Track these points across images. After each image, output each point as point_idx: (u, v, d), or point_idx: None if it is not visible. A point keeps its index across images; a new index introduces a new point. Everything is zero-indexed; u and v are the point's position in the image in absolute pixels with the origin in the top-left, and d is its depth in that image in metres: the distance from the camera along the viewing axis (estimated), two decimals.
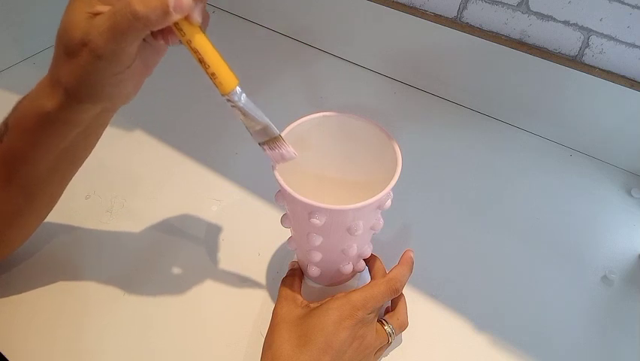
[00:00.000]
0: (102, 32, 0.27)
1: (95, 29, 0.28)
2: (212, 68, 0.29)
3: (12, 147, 0.34)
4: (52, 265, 0.46)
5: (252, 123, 0.31)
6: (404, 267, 0.40)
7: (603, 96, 0.56)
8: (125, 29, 0.27)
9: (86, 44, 0.28)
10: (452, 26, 0.61)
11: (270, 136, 0.32)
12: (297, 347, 0.35)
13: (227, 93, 0.30)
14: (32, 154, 0.34)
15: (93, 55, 0.28)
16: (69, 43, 0.29)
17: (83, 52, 0.28)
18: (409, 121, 0.64)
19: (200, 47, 0.28)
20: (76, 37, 0.28)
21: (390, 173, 0.36)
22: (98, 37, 0.28)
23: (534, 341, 0.43)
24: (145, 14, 0.26)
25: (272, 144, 0.32)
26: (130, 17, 0.27)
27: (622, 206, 0.55)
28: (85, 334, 0.42)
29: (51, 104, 0.31)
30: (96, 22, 0.28)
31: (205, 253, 0.48)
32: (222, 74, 0.29)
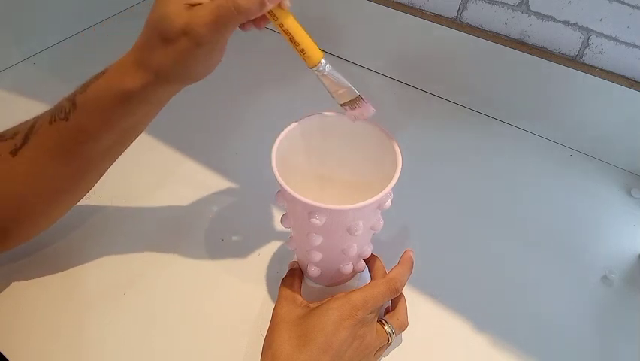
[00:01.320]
0: (206, 23, 0.30)
1: (198, 19, 0.30)
2: (301, 45, 0.33)
3: (80, 125, 0.35)
4: (52, 265, 0.46)
5: (336, 88, 0.36)
6: (404, 267, 0.40)
7: (603, 96, 0.56)
8: (228, 21, 0.30)
9: (187, 33, 0.30)
10: (452, 26, 0.61)
11: (352, 97, 0.36)
12: (296, 347, 0.35)
13: (315, 65, 0.34)
14: (100, 132, 0.36)
15: (194, 43, 0.30)
16: (168, 30, 0.31)
17: (183, 39, 0.30)
18: (409, 121, 0.64)
19: (291, 28, 0.32)
20: (176, 26, 0.30)
21: (391, 173, 0.36)
22: (202, 27, 0.30)
23: (534, 341, 0.43)
24: (247, 7, 0.29)
25: (352, 104, 0.36)
26: (233, 10, 0.29)
27: (622, 206, 0.55)
28: (85, 334, 0.42)
29: (135, 83, 0.33)
30: (198, 13, 0.30)
31: (205, 253, 0.48)
32: (311, 49, 0.33)
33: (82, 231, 0.49)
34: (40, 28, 0.71)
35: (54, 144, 0.36)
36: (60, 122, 0.36)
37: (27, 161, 0.37)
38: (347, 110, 0.37)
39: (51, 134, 0.36)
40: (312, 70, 0.34)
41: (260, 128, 0.61)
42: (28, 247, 0.45)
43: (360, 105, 0.36)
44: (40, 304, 0.43)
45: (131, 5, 0.82)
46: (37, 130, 0.37)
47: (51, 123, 0.36)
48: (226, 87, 0.68)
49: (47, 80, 0.67)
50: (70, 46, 0.73)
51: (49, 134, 0.36)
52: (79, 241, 0.48)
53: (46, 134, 0.36)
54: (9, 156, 0.37)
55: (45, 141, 0.37)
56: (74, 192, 0.41)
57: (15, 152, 0.37)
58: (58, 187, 0.39)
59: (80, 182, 0.40)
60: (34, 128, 0.37)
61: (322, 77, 0.35)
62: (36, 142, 0.37)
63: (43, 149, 0.37)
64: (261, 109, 0.65)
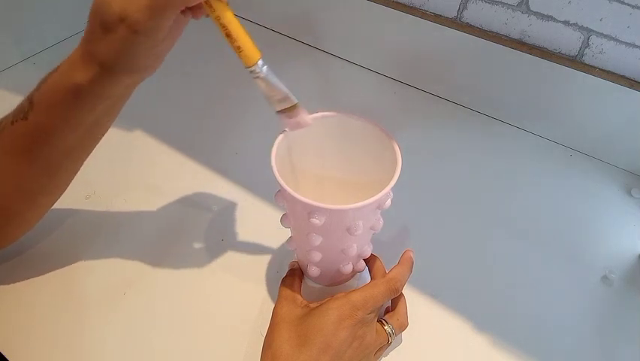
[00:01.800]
0: (141, 8, 0.29)
1: (134, 5, 0.29)
2: (238, 42, 0.31)
3: (38, 124, 0.35)
4: (52, 264, 0.46)
5: (273, 93, 0.34)
6: (404, 267, 0.40)
7: (603, 96, 0.56)
8: (164, 6, 0.29)
9: (123, 20, 0.29)
10: (452, 26, 0.61)
11: (289, 104, 0.35)
12: (296, 347, 0.35)
13: (251, 65, 0.32)
14: (59, 130, 0.35)
15: (131, 30, 0.29)
16: (106, 18, 0.30)
17: (121, 27, 0.29)
18: (409, 121, 0.64)
19: (228, 22, 0.31)
20: (113, 13, 0.29)
21: (390, 173, 0.36)
22: (137, 13, 0.29)
23: (534, 341, 0.43)
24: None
25: (290, 112, 0.35)
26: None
27: (622, 206, 0.55)
28: (85, 334, 0.42)
29: (83, 77, 0.32)
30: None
31: (205, 253, 0.48)
32: (247, 47, 0.32)
33: (82, 231, 0.49)
34: (40, 28, 0.71)
35: (17, 144, 0.36)
36: (20, 122, 0.35)
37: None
38: (283, 118, 0.36)
39: (12, 134, 0.36)
40: (248, 70, 0.33)
41: (260, 129, 0.61)
42: (27, 246, 0.45)
43: (297, 114, 0.35)
44: (40, 304, 0.43)
45: None
46: (1, 132, 0.37)
47: (12, 124, 0.36)
48: (226, 87, 0.68)
49: None
50: (70, 46, 0.72)
51: (10, 135, 0.36)
52: (79, 240, 0.48)
53: (8, 135, 0.36)
54: None
55: (7, 142, 0.36)
56: (46, 193, 0.41)
57: None
58: (26, 188, 0.39)
59: (49, 181, 0.39)
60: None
61: (258, 80, 0.33)
62: (1, 144, 0.36)
63: (6, 150, 0.36)
64: (261, 109, 0.65)
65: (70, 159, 0.39)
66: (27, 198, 0.40)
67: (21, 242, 0.44)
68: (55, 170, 0.39)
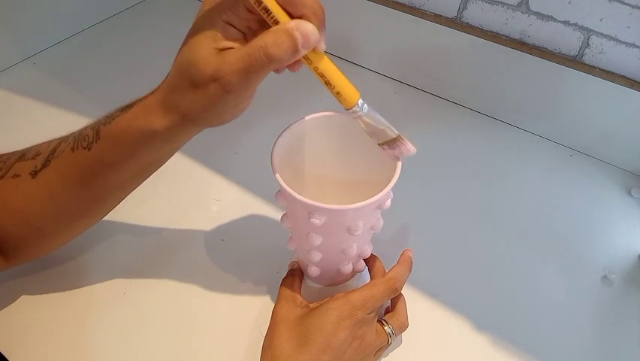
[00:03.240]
0: (236, 71, 0.29)
1: (228, 67, 0.29)
2: (337, 88, 0.32)
3: (101, 157, 0.35)
4: (52, 264, 0.46)
5: (373, 128, 0.34)
6: (403, 266, 0.40)
7: (603, 96, 0.56)
8: (259, 70, 0.29)
9: (216, 80, 0.29)
10: (452, 26, 0.61)
11: (390, 137, 0.35)
12: (296, 347, 0.35)
13: (351, 107, 0.32)
14: (121, 166, 0.35)
15: (224, 90, 0.29)
16: (198, 76, 0.29)
17: (212, 86, 0.29)
18: (409, 121, 0.64)
19: (325, 71, 0.31)
20: (206, 73, 0.29)
21: (390, 173, 0.36)
22: (232, 75, 0.29)
23: (534, 341, 0.43)
24: (279, 56, 0.28)
25: (391, 143, 0.35)
26: (264, 59, 0.28)
27: (622, 206, 0.55)
28: (85, 333, 0.42)
29: (161, 124, 0.32)
30: (228, 60, 0.29)
31: (205, 253, 0.48)
32: (346, 91, 0.32)
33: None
34: (40, 28, 0.71)
35: (74, 172, 0.36)
36: (82, 150, 0.35)
37: (45, 184, 0.37)
38: (386, 149, 0.36)
39: (72, 161, 0.36)
40: (349, 111, 0.33)
41: (260, 129, 0.61)
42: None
43: (399, 145, 0.35)
44: (40, 304, 0.43)
45: (132, 5, 0.82)
46: (59, 155, 0.36)
47: (73, 150, 0.36)
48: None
49: (47, 80, 0.67)
50: (70, 46, 0.73)
51: (69, 161, 0.36)
52: (78, 240, 0.48)
53: (67, 160, 0.36)
54: (28, 177, 0.37)
55: (65, 167, 0.36)
56: (88, 218, 0.41)
57: (35, 173, 0.37)
58: (73, 213, 0.39)
59: (95, 209, 0.40)
60: (56, 153, 0.37)
61: (359, 119, 0.34)
62: (56, 167, 0.36)
63: (62, 174, 0.36)
64: (261, 109, 0.65)
65: (121, 190, 0.39)
66: (69, 221, 0.40)
67: None
68: (105, 199, 0.39)
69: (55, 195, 0.37)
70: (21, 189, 0.37)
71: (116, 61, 0.71)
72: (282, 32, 0.28)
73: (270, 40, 0.28)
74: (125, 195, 0.40)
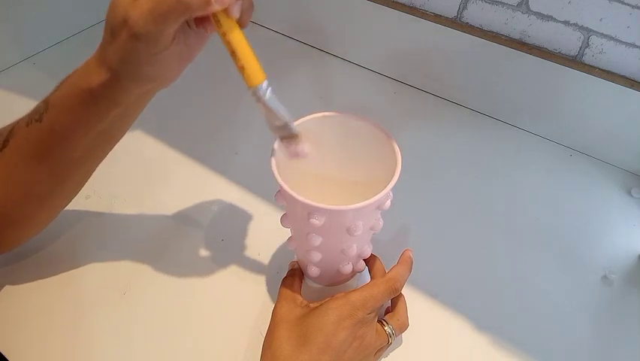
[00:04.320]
0: (142, 13, 0.28)
1: (137, 10, 0.28)
2: (242, 62, 0.30)
3: (51, 126, 0.35)
4: (52, 264, 0.46)
5: (273, 118, 0.33)
6: (403, 266, 0.40)
7: (603, 96, 0.56)
8: (166, 12, 0.28)
9: (126, 23, 0.29)
10: (452, 26, 0.61)
11: (288, 133, 0.34)
12: (296, 347, 0.35)
13: (253, 87, 0.31)
14: (71, 133, 0.35)
15: (130, 34, 0.29)
16: (113, 22, 0.30)
17: (123, 32, 0.29)
18: (409, 121, 0.64)
19: (233, 40, 0.30)
20: (118, 17, 0.29)
21: (390, 173, 0.36)
22: (138, 17, 0.28)
23: (534, 341, 0.43)
24: (189, 2, 0.27)
25: (289, 140, 0.34)
26: (173, 2, 0.27)
27: (622, 206, 0.55)
28: (85, 333, 0.42)
29: (96, 80, 0.32)
30: (138, 3, 0.28)
31: (205, 253, 0.48)
32: (251, 68, 0.31)
33: (82, 231, 0.49)
34: (40, 28, 0.71)
35: (30, 147, 0.36)
36: (35, 123, 0.35)
37: (5, 165, 0.37)
38: (282, 144, 0.35)
39: (27, 136, 0.36)
40: (250, 91, 0.31)
41: (260, 128, 0.61)
42: (27, 246, 0.45)
43: (296, 144, 0.34)
44: (39, 304, 0.43)
45: None
46: (16, 133, 0.36)
47: (27, 125, 0.36)
48: (226, 87, 0.68)
49: (47, 80, 0.66)
50: (70, 46, 0.73)
51: (25, 137, 0.36)
52: (79, 240, 0.48)
53: (22, 136, 0.36)
54: None
55: (22, 144, 0.36)
56: (57, 197, 0.41)
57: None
58: (38, 192, 0.39)
59: (60, 186, 0.39)
60: (14, 131, 0.37)
61: (258, 103, 0.32)
62: (14, 145, 0.36)
63: (20, 152, 0.36)
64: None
65: (81, 165, 0.39)
66: (37, 202, 0.40)
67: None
68: (67, 176, 0.39)
69: (17, 177, 0.37)
70: None
71: None
72: None
73: None
74: (87, 171, 0.40)
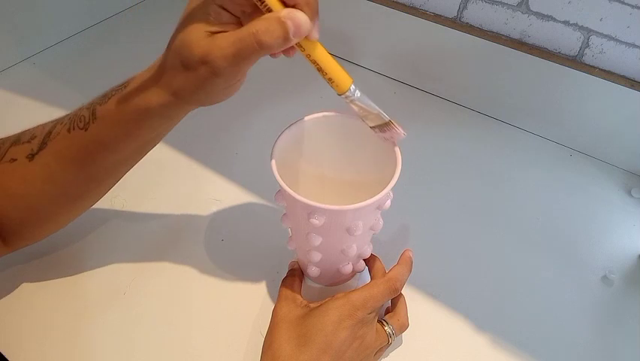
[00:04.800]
0: (226, 56, 0.29)
1: (218, 51, 0.29)
2: (329, 75, 0.32)
3: (98, 137, 0.35)
4: (52, 264, 0.46)
5: (366, 113, 0.35)
6: (403, 266, 0.40)
7: (603, 96, 0.56)
8: (249, 56, 0.29)
9: (206, 63, 0.29)
10: (452, 26, 0.61)
11: (382, 121, 0.36)
12: (296, 347, 0.35)
13: (344, 92, 0.33)
14: (118, 145, 0.36)
15: (213, 73, 0.30)
16: (189, 58, 0.30)
17: (202, 69, 0.30)
18: (409, 121, 0.63)
19: (318, 58, 0.31)
20: (196, 55, 0.29)
21: (390, 173, 0.36)
22: (222, 59, 0.29)
23: (534, 341, 0.43)
24: (270, 44, 0.28)
25: (383, 127, 0.36)
26: (255, 46, 0.28)
27: (622, 206, 0.55)
28: (84, 333, 0.42)
29: (157, 102, 0.33)
30: (219, 44, 0.29)
31: (205, 253, 0.48)
32: (339, 77, 0.32)
33: (82, 231, 0.49)
34: (40, 28, 0.71)
35: (71, 153, 0.36)
36: (79, 131, 0.36)
37: (43, 166, 0.37)
38: (377, 132, 0.37)
39: (69, 142, 0.36)
40: (341, 97, 0.34)
41: (260, 128, 0.61)
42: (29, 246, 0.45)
43: (390, 129, 0.36)
44: (40, 304, 0.43)
45: (132, 5, 0.82)
46: (55, 137, 0.37)
47: (69, 131, 0.36)
48: None
49: (47, 80, 0.67)
50: (70, 46, 0.73)
51: (66, 143, 0.36)
52: (79, 240, 0.48)
53: (63, 141, 0.36)
54: (25, 160, 0.37)
55: (62, 149, 0.36)
56: (87, 199, 0.41)
57: (32, 156, 0.37)
58: (72, 194, 0.39)
59: (93, 190, 0.40)
60: (52, 135, 0.37)
61: (351, 103, 0.34)
62: (53, 149, 0.37)
63: (59, 156, 0.37)
64: (261, 109, 0.65)
65: (119, 170, 0.40)
66: (70, 202, 0.40)
67: None
68: (102, 179, 0.40)
69: (54, 178, 0.37)
70: (19, 173, 0.37)
71: (116, 61, 0.71)
72: (274, 20, 0.28)
73: (262, 28, 0.28)
74: (122, 174, 0.41)
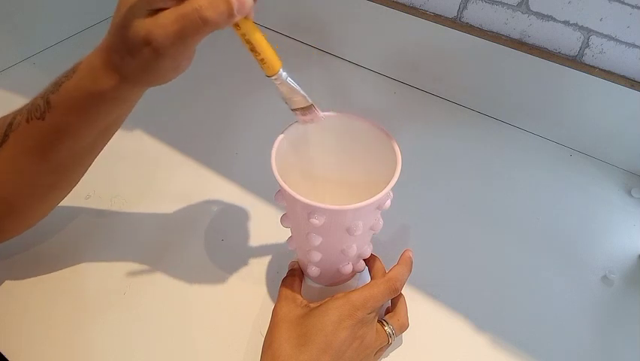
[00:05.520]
0: (168, 34, 0.28)
1: (161, 30, 0.28)
2: (261, 55, 0.33)
3: (56, 125, 0.35)
4: (53, 264, 0.46)
5: (291, 95, 0.36)
6: (403, 266, 0.40)
7: (603, 96, 0.56)
8: (193, 33, 0.28)
9: (149, 43, 0.29)
10: (452, 26, 0.61)
11: (305, 104, 0.37)
12: (296, 347, 0.35)
13: (273, 74, 0.34)
14: (76, 131, 0.36)
15: (157, 54, 0.29)
16: (131, 40, 0.29)
17: (146, 50, 0.29)
18: (409, 121, 0.64)
19: (253, 38, 0.32)
20: (138, 36, 0.29)
21: (390, 173, 0.36)
22: (164, 38, 0.28)
23: (534, 341, 0.43)
24: (214, 19, 0.27)
25: (305, 110, 0.37)
26: (199, 22, 0.27)
27: (622, 206, 0.55)
28: (84, 333, 0.42)
29: (107, 84, 0.32)
30: (160, 22, 0.28)
31: (205, 253, 0.48)
32: (270, 59, 0.33)
33: (82, 230, 0.49)
34: (40, 28, 0.71)
35: (33, 143, 0.36)
36: (36, 121, 0.35)
37: (8, 159, 0.37)
38: (298, 115, 0.38)
39: (29, 132, 0.36)
40: (270, 78, 0.34)
41: (260, 128, 0.61)
42: (27, 246, 0.45)
43: (311, 112, 0.37)
44: (40, 304, 0.43)
45: None
46: (16, 128, 0.37)
47: (28, 122, 0.36)
48: (226, 87, 0.68)
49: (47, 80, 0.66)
50: (70, 46, 0.73)
51: (27, 133, 0.36)
52: (78, 241, 0.48)
53: (24, 132, 0.36)
54: None
55: (23, 140, 0.36)
56: (58, 188, 0.41)
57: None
58: (40, 184, 0.39)
59: (62, 178, 0.40)
60: (13, 126, 0.37)
61: (279, 85, 0.35)
62: (15, 140, 0.37)
63: (22, 147, 0.37)
64: (261, 109, 0.65)
65: (83, 158, 0.39)
66: (37, 193, 0.40)
67: (21, 242, 0.44)
68: (68, 168, 0.39)
69: (20, 169, 0.37)
70: None
71: None
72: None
73: (205, 3, 0.27)
74: (90, 161, 0.41)
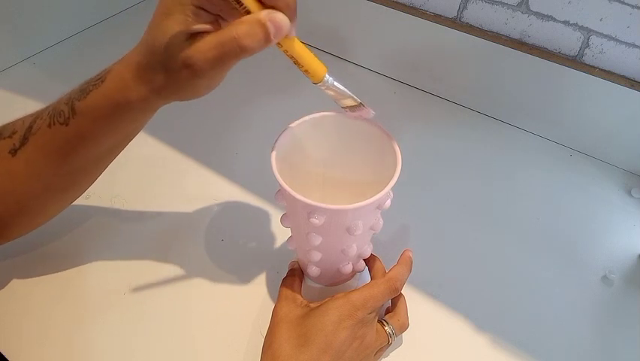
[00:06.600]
0: (208, 59, 0.29)
1: (200, 55, 0.29)
2: (305, 67, 0.33)
3: (80, 131, 0.35)
4: (53, 264, 0.46)
5: (339, 97, 0.36)
6: (403, 266, 0.40)
7: (603, 96, 0.56)
8: (231, 59, 0.29)
9: (188, 67, 0.29)
10: (452, 26, 0.61)
11: (354, 103, 0.37)
12: (296, 347, 0.35)
13: (319, 81, 0.34)
14: (100, 138, 0.36)
15: (195, 76, 0.30)
16: (170, 61, 0.30)
17: (185, 71, 0.30)
18: (409, 121, 0.64)
19: (295, 53, 0.32)
20: (177, 58, 0.30)
21: (390, 173, 0.36)
22: (203, 62, 0.29)
23: (534, 341, 0.43)
24: (251, 47, 0.28)
25: (354, 108, 0.37)
26: (237, 50, 0.28)
27: (622, 206, 0.55)
28: (84, 333, 0.42)
29: (136, 96, 0.33)
30: (200, 48, 0.29)
31: (205, 253, 0.48)
32: (314, 69, 0.33)
33: (82, 230, 0.49)
34: (40, 28, 0.71)
35: (53, 147, 0.37)
36: (59, 126, 0.36)
37: (26, 161, 0.37)
38: (348, 112, 0.38)
39: (50, 137, 0.36)
40: (317, 85, 0.35)
41: (260, 128, 0.61)
42: (28, 246, 0.45)
43: (361, 109, 0.37)
44: (40, 304, 0.43)
45: (132, 5, 0.82)
46: (36, 132, 0.37)
47: (50, 127, 0.36)
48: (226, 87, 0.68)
49: (47, 80, 0.67)
50: (70, 46, 0.73)
51: (48, 137, 0.36)
52: (79, 240, 0.48)
53: (45, 136, 0.36)
54: (8, 156, 0.37)
55: (44, 144, 0.37)
56: (72, 191, 0.42)
57: (14, 152, 0.37)
58: (57, 186, 0.39)
59: (77, 181, 0.41)
60: (33, 130, 0.37)
61: (326, 90, 0.35)
62: (35, 144, 0.37)
63: (42, 151, 0.37)
64: (261, 109, 0.65)
65: (101, 162, 0.40)
66: (54, 195, 0.40)
67: (21, 242, 0.44)
68: (86, 172, 0.40)
69: (38, 172, 0.38)
70: (3, 168, 0.38)
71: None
72: (255, 23, 0.28)
73: (243, 31, 0.28)
74: (106, 165, 0.41)
